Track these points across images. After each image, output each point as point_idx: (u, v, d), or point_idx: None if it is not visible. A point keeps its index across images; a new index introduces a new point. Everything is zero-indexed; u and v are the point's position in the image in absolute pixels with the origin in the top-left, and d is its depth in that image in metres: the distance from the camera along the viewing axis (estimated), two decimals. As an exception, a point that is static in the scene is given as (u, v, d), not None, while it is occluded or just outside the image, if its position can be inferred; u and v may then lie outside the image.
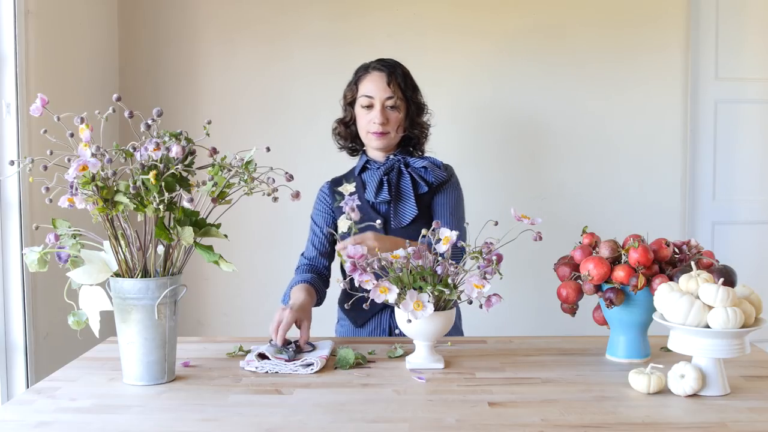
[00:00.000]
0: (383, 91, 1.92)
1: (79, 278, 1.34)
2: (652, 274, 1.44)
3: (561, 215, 2.87)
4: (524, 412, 1.20)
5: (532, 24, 2.90)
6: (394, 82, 1.93)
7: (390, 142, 1.94)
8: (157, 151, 1.25)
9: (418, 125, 1.98)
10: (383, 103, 1.92)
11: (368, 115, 1.93)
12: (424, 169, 1.92)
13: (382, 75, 1.93)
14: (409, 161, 1.95)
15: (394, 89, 1.92)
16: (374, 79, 1.94)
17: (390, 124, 1.92)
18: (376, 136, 1.92)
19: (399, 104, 1.93)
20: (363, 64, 2.01)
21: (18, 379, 2.16)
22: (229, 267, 1.31)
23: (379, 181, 1.92)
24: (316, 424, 1.16)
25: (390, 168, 1.94)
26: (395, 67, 1.96)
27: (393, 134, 1.94)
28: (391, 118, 1.92)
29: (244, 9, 2.89)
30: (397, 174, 1.93)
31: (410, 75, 1.99)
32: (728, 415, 1.19)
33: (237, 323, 2.96)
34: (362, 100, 1.94)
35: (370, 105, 1.93)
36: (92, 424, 1.17)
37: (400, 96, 1.93)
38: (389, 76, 1.93)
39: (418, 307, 1.38)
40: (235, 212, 1.54)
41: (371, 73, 1.96)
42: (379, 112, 1.91)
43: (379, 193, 1.91)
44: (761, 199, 2.98)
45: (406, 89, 1.95)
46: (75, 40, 2.55)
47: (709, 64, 2.91)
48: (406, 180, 1.92)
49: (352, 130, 2.02)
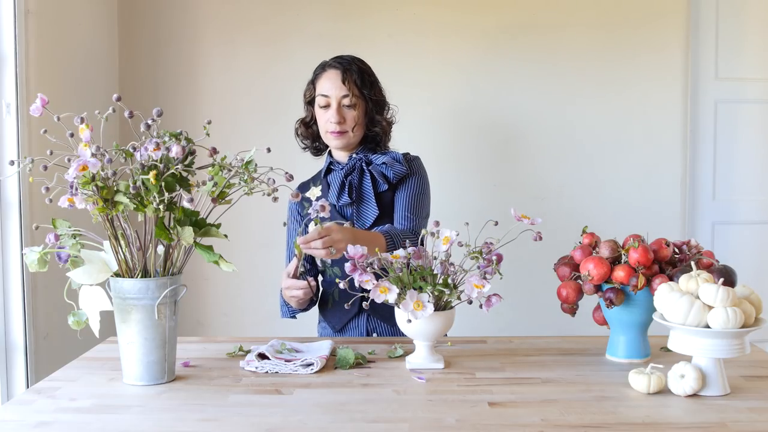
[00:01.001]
0: (339, 90, 1.88)
1: (79, 278, 1.34)
2: (652, 274, 1.44)
3: (561, 215, 2.87)
4: (524, 412, 1.20)
5: (532, 24, 2.90)
6: (349, 79, 1.88)
7: (349, 141, 1.91)
8: (157, 151, 1.25)
9: (379, 123, 1.94)
10: (339, 102, 1.88)
11: (325, 114, 1.90)
12: (384, 165, 1.89)
13: (337, 73, 1.89)
14: (371, 158, 1.92)
15: (350, 87, 1.88)
16: (330, 77, 1.90)
17: (347, 122, 1.89)
18: (334, 135, 1.89)
19: (356, 102, 1.89)
20: (321, 61, 1.97)
21: (18, 379, 2.16)
22: (229, 267, 1.31)
23: (340, 183, 1.90)
24: (316, 424, 1.16)
25: (351, 169, 1.91)
26: (351, 63, 1.92)
27: (351, 133, 1.90)
28: (348, 117, 1.89)
29: (245, 9, 2.89)
30: (359, 174, 1.91)
31: (368, 71, 1.95)
32: (728, 415, 1.19)
33: (237, 323, 2.96)
34: (319, 100, 1.91)
35: (327, 104, 1.90)
36: (92, 424, 1.17)
37: (356, 93, 1.89)
38: (344, 74, 1.89)
39: (418, 307, 1.38)
40: (235, 212, 1.54)
41: (327, 71, 1.92)
42: (335, 111, 1.88)
43: (341, 196, 1.90)
44: (761, 199, 2.98)
45: (363, 86, 1.90)
46: (75, 40, 2.55)
47: (709, 64, 2.91)
48: (366, 180, 1.90)
49: (314, 130, 1.99)
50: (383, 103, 1.96)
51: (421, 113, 2.89)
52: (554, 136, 2.94)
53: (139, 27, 2.88)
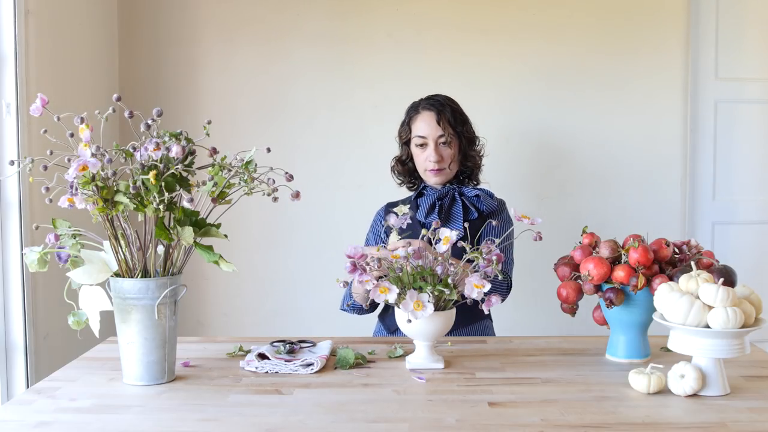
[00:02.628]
0: (435, 130, 2.00)
1: (79, 278, 1.34)
2: (652, 274, 1.44)
3: (561, 215, 2.87)
4: (524, 412, 1.20)
5: (532, 23, 2.90)
6: (444, 119, 2.01)
7: (447, 176, 2.03)
8: (157, 151, 1.25)
9: (472, 158, 2.06)
10: (436, 141, 2.00)
11: (423, 153, 2.02)
12: (477, 197, 1.99)
13: (432, 114, 2.02)
14: (464, 190, 2.02)
15: (445, 126, 2.00)
16: (425, 118, 2.03)
17: (445, 160, 2.00)
18: (433, 173, 2.01)
19: (451, 140, 2.01)
20: (413, 103, 2.10)
21: (18, 379, 2.16)
22: (229, 267, 1.31)
23: (431, 203, 2.00)
24: (316, 424, 1.16)
25: (444, 194, 2.01)
26: (444, 105, 2.04)
27: (449, 170, 2.02)
28: (445, 155, 2.01)
29: (244, 9, 2.89)
30: (450, 200, 2.01)
31: (459, 109, 2.07)
32: (728, 415, 1.19)
33: (237, 323, 2.96)
34: (416, 140, 2.03)
35: (424, 144, 2.02)
36: (92, 424, 1.17)
37: (451, 132, 2.01)
38: (439, 115, 2.01)
39: (418, 307, 1.38)
40: (235, 212, 1.54)
41: (421, 113, 2.04)
42: (434, 150, 1.99)
43: (430, 214, 1.98)
44: (761, 199, 2.98)
45: (456, 125, 2.03)
46: (75, 40, 2.55)
47: (709, 64, 2.91)
48: (457, 206, 1.99)
49: (410, 167, 2.11)
50: (474, 139, 2.09)
51: (421, 113, 2.88)
52: (554, 135, 2.94)
53: (139, 27, 2.88)
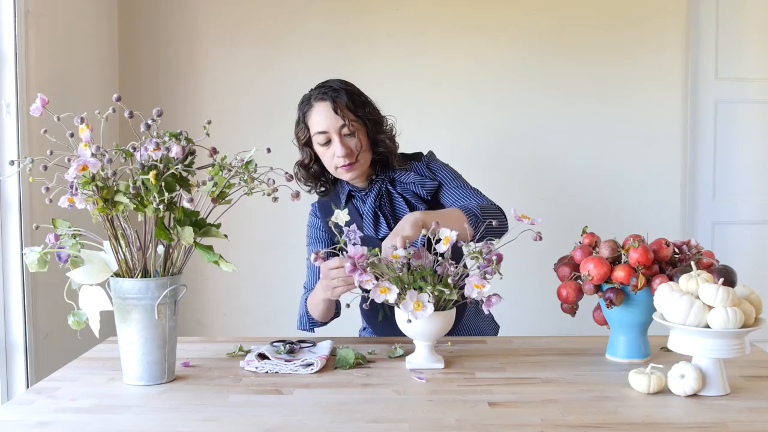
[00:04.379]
0: (334, 120, 1.75)
1: (79, 278, 1.34)
2: (652, 274, 1.44)
3: (561, 215, 2.87)
4: (524, 412, 1.20)
5: (532, 24, 2.90)
6: (341, 107, 1.75)
7: (361, 169, 1.80)
8: (157, 151, 1.25)
9: (382, 141, 1.82)
10: (339, 133, 1.76)
11: (329, 150, 1.78)
12: (413, 184, 1.82)
13: (327, 104, 1.76)
14: (395, 178, 1.84)
15: (344, 113, 1.75)
16: (320, 110, 1.77)
17: (354, 151, 1.77)
18: (345, 169, 1.77)
19: (355, 127, 1.76)
20: (303, 96, 1.83)
21: (18, 379, 2.16)
22: (229, 267, 1.31)
23: (373, 214, 1.81)
24: (316, 424, 1.16)
25: (378, 195, 1.82)
26: (337, 90, 1.78)
27: (362, 161, 1.79)
28: (353, 145, 1.76)
29: (244, 9, 2.89)
30: (389, 199, 1.83)
31: (357, 90, 1.82)
32: (728, 415, 1.19)
33: (237, 323, 2.96)
34: (317, 138, 1.78)
35: (327, 140, 1.77)
36: (92, 424, 1.17)
37: (352, 119, 1.76)
38: (334, 102, 1.75)
39: (418, 307, 1.38)
40: (235, 212, 1.54)
41: (315, 106, 1.78)
42: (339, 144, 1.75)
43: (379, 228, 1.81)
44: (761, 199, 2.98)
45: (357, 109, 1.78)
46: (75, 40, 2.55)
47: (709, 64, 2.91)
48: (400, 204, 1.82)
49: (315, 170, 1.86)
50: (381, 120, 1.84)
51: (421, 113, 2.89)
52: (554, 135, 2.94)
53: (139, 27, 2.88)
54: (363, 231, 1.81)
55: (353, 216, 1.85)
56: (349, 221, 1.81)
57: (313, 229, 1.93)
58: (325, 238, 1.90)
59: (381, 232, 1.81)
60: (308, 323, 1.85)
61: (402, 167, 1.86)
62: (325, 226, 1.88)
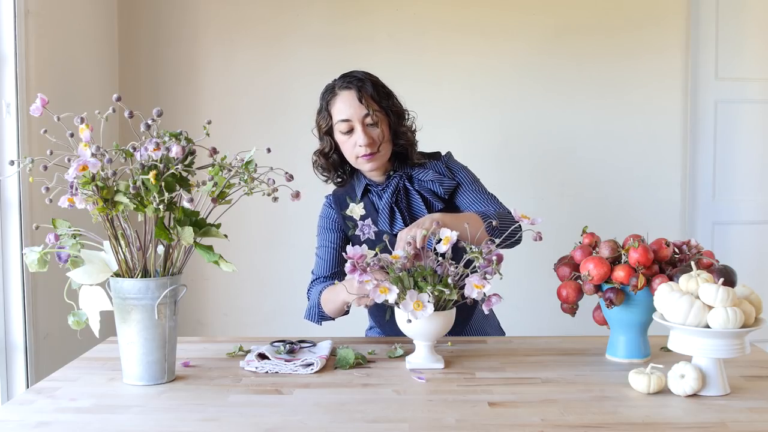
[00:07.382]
0: (359, 109, 1.76)
1: (79, 278, 1.34)
2: (652, 274, 1.44)
3: (561, 215, 2.87)
4: (524, 412, 1.20)
5: (532, 24, 2.90)
6: (366, 96, 1.77)
7: (382, 160, 1.81)
8: (157, 151, 1.25)
9: (403, 134, 1.84)
10: (363, 122, 1.76)
11: (351, 139, 1.78)
12: (432, 182, 1.82)
13: (352, 93, 1.77)
14: (413, 175, 1.84)
15: (368, 103, 1.76)
16: (345, 99, 1.78)
17: (375, 141, 1.77)
18: (366, 158, 1.78)
19: (379, 118, 1.78)
20: (327, 85, 1.84)
21: (18, 379, 2.16)
22: (229, 267, 1.31)
23: (389, 210, 1.81)
24: (316, 424, 1.16)
25: (395, 191, 1.82)
26: (363, 80, 1.79)
27: (383, 152, 1.80)
28: (375, 135, 1.77)
29: (244, 9, 2.89)
30: (405, 196, 1.83)
31: (380, 83, 1.83)
32: (728, 415, 1.19)
33: (237, 323, 2.96)
34: (340, 126, 1.78)
35: (350, 129, 1.77)
36: (92, 424, 1.17)
37: (376, 109, 1.77)
38: (359, 91, 1.76)
39: (418, 307, 1.38)
40: (235, 212, 1.54)
41: (340, 94, 1.79)
42: (362, 133, 1.76)
43: (394, 224, 1.80)
44: (761, 199, 2.98)
45: (381, 99, 1.79)
46: (75, 40, 2.55)
47: (709, 64, 2.91)
48: (417, 201, 1.82)
49: (335, 159, 1.86)
50: (403, 113, 1.86)
51: (421, 113, 2.88)
52: (555, 135, 2.94)
53: (139, 27, 2.88)
54: (378, 226, 1.81)
55: (368, 210, 1.85)
56: (365, 215, 1.83)
57: (325, 219, 1.92)
58: (336, 229, 1.89)
59: (396, 228, 1.80)
60: (318, 315, 1.82)
61: (420, 163, 1.86)
62: (339, 218, 1.88)
